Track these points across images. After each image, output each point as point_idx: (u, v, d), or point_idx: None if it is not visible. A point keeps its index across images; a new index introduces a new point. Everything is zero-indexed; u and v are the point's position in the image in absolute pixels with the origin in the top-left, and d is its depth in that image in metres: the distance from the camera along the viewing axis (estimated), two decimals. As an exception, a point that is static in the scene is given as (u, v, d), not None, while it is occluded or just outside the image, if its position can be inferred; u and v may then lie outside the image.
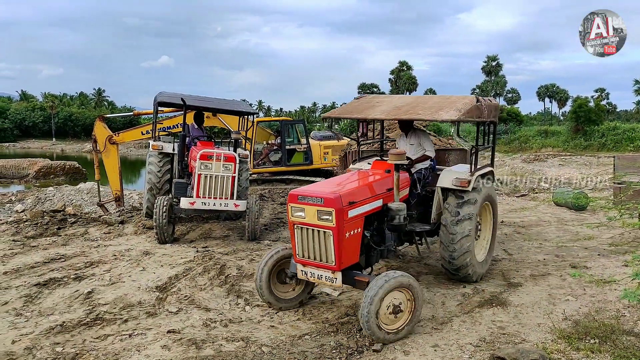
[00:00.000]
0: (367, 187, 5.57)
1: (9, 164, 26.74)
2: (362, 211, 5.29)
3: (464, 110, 5.82)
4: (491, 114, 6.54)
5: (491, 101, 6.54)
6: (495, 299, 6.13)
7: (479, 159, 6.96)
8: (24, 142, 65.26)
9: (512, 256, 8.24)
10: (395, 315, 4.93)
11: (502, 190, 16.66)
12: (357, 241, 5.29)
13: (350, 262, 5.24)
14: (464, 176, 6.32)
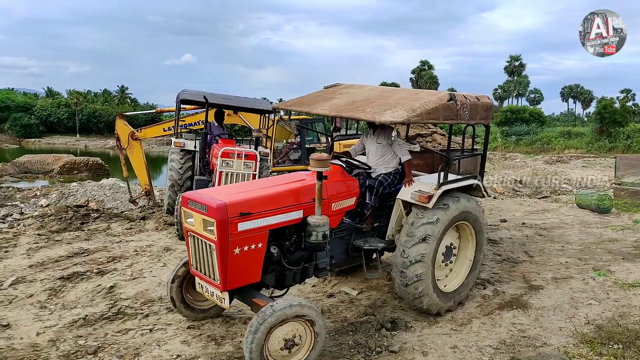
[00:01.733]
0: (277, 196, 4.69)
1: (34, 160, 27.26)
2: (263, 224, 4.46)
3: (421, 110, 4.70)
4: (476, 115, 5.40)
5: (478, 100, 5.44)
6: (515, 302, 6.05)
7: (481, 166, 6.75)
8: (49, 138, 66.52)
9: (533, 258, 8.12)
10: (289, 350, 4.21)
11: (524, 191, 16.44)
12: (256, 258, 4.49)
13: (244, 282, 4.51)
14: (427, 189, 5.30)
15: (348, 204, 5.36)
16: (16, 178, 23.75)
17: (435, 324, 5.46)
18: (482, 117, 5.55)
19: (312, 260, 5.01)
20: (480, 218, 5.85)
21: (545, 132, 46.48)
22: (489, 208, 13.02)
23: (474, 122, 5.55)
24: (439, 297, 5.47)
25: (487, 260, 7.96)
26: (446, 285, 5.76)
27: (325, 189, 4.90)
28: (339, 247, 5.49)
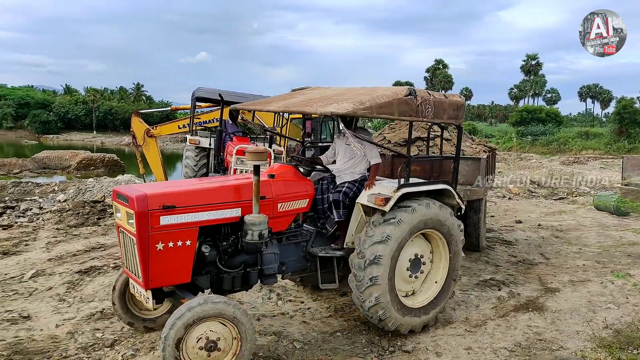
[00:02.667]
0: (209, 191, 4.42)
1: (53, 155, 27.69)
2: (191, 220, 4.17)
3: (371, 103, 4.25)
4: (442, 113, 4.93)
5: (445, 97, 5.00)
6: (531, 304, 6.00)
7: (484, 170, 6.87)
8: (66, 135, 67.44)
9: (549, 260, 8.04)
10: (208, 353, 3.85)
11: (539, 192, 16.27)
12: (184, 257, 4.17)
13: (170, 282, 4.22)
14: (386, 192, 4.79)
15: (299, 206, 4.95)
16: (35, 173, 24.11)
17: (449, 325, 5.43)
18: (451, 116, 5.08)
19: (256, 264, 4.65)
20: (454, 230, 5.23)
21: (562, 133, 45.88)
22: (503, 209, 12.92)
23: (441, 122, 5.11)
24: (399, 311, 4.86)
25: (502, 261, 7.91)
26: (413, 300, 5.18)
27: (270, 188, 4.67)
28: (293, 253, 5.03)
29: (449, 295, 5.42)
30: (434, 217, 4.99)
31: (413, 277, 5.15)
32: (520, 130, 47.09)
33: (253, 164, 4.21)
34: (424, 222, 4.93)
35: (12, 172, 23.81)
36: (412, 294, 5.26)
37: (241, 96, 10.73)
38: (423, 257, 5.20)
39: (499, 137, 47.03)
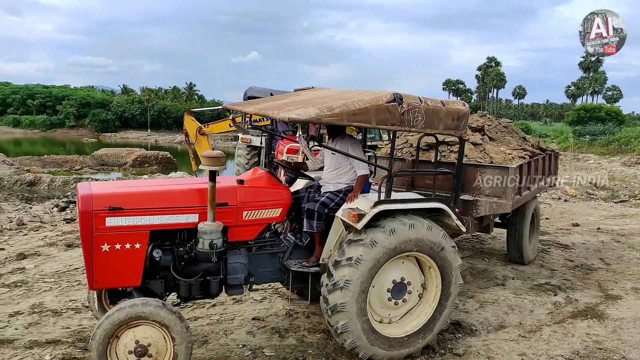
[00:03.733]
0: (162, 195, 4.23)
1: (110, 153, 29.00)
2: (141, 223, 4.01)
3: (342, 109, 3.82)
4: (437, 123, 4.37)
5: (443, 105, 4.38)
6: (590, 311, 5.76)
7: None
8: (123, 133, 70.30)
9: (609, 266, 7.69)
10: (138, 358, 3.69)
11: (598, 194, 15.56)
12: (133, 260, 4.02)
13: (117, 284, 4.11)
14: (364, 207, 4.31)
15: (270, 215, 4.58)
16: (94, 170, 25.26)
17: (501, 329, 5.30)
18: (449, 126, 4.47)
19: (218, 273, 4.41)
20: (448, 254, 4.59)
21: (624, 132, 43.65)
22: (559, 211, 12.46)
23: (436, 132, 4.56)
24: (371, 340, 4.37)
25: (557, 265, 7.64)
26: (394, 329, 4.65)
27: (235, 194, 4.39)
28: (266, 264, 4.73)
29: (439, 327, 4.76)
30: (420, 240, 4.40)
31: (394, 303, 4.57)
32: (577, 129, 45.20)
33: (208, 169, 3.96)
34: (407, 244, 4.34)
35: (73, 168, 25.06)
36: (394, 322, 4.69)
37: (291, 95, 10.84)
38: (410, 283, 4.61)
39: (554, 137, 45.32)
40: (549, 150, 8.24)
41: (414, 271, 4.67)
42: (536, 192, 7.42)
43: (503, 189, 5.94)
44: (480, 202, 6.02)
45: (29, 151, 37.71)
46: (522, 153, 6.75)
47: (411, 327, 4.66)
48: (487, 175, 6.03)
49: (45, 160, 26.35)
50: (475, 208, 6.04)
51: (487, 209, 5.99)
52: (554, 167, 8.43)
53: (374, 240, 4.22)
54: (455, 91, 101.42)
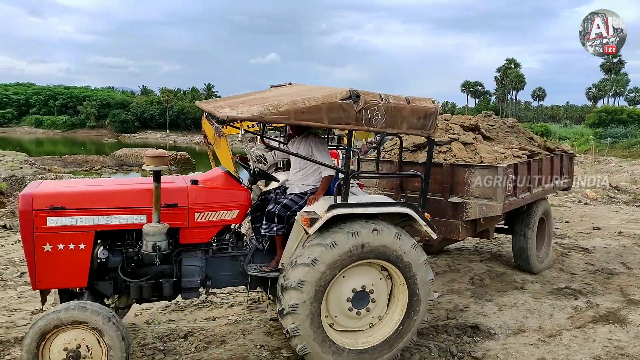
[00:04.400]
0: (107, 195, 4.13)
1: (129, 153, 29.45)
2: (85, 223, 3.94)
3: (289, 107, 3.67)
4: (400, 122, 4.12)
5: (407, 102, 4.12)
6: (612, 316, 5.66)
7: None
8: (142, 133, 71.26)
9: (631, 270, 7.55)
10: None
11: (620, 198, 15.29)
12: (77, 260, 3.94)
13: (62, 284, 4.04)
14: (320, 210, 4.06)
15: (226, 217, 4.39)
16: (114, 170, 25.65)
17: (520, 333, 5.24)
18: (415, 125, 4.19)
19: (172, 275, 4.25)
20: (416, 266, 4.27)
21: (646, 135, 42.87)
22: (579, 214, 12.28)
23: (400, 132, 4.31)
24: (326, 349, 4.11)
25: (578, 269, 7.53)
26: (352, 339, 4.35)
27: (186, 195, 4.26)
28: (226, 268, 4.53)
29: (403, 343, 4.42)
30: (384, 247, 4.12)
31: (356, 313, 4.29)
32: (598, 132, 44.51)
33: (150, 169, 3.83)
34: (370, 250, 4.08)
35: (93, 168, 25.49)
36: (356, 332, 4.41)
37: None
38: (373, 292, 4.33)
39: (575, 140, 44.68)
40: (558, 150, 7.71)
41: (379, 279, 4.39)
42: (541, 194, 6.97)
43: (493, 190, 5.53)
44: (470, 204, 5.64)
45: (50, 151, 38.41)
46: (520, 152, 6.27)
47: (373, 339, 4.36)
48: (476, 175, 5.64)
49: (66, 160, 26.84)
50: (465, 211, 5.68)
51: (477, 211, 5.61)
52: (567, 168, 7.90)
53: (334, 242, 3.98)
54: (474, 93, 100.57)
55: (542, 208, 7.22)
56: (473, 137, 6.28)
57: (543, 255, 7.42)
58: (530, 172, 6.40)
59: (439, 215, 5.77)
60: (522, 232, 6.97)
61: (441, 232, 5.74)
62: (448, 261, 7.68)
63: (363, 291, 4.29)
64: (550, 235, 7.72)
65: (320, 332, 4.09)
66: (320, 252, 3.96)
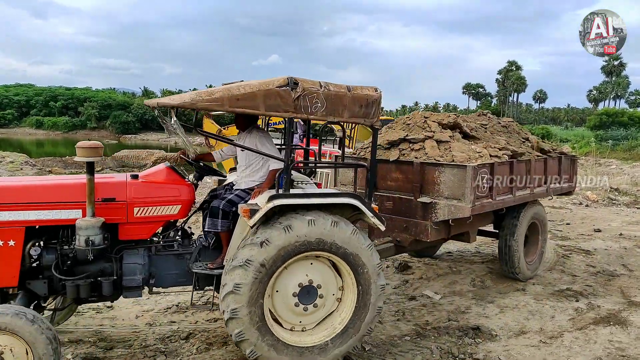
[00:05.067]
0: (37, 189, 4.01)
1: (131, 154, 29.42)
2: (14, 218, 3.80)
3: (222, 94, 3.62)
4: (340, 110, 4.02)
5: (348, 90, 4.03)
6: (613, 317, 5.66)
7: None
8: (143, 135, 71.22)
9: (632, 272, 7.55)
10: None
11: (621, 200, 15.28)
12: (6, 259, 3.81)
13: None
14: (261, 202, 3.93)
15: (167, 213, 4.27)
16: (114, 171, 25.64)
17: (522, 335, 5.24)
18: (357, 114, 4.11)
19: (112, 274, 4.12)
20: (363, 256, 4.13)
21: (647, 137, 42.85)
22: (580, 216, 12.28)
23: (341, 120, 4.15)
24: (277, 350, 3.97)
25: (579, 271, 7.52)
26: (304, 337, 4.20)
27: (124, 189, 4.15)
28: (171, 266, 4.39)
29: (355, 340, 4.27)
30: (322, 237, 3.95)
31: (303, 309, 4.11)
32: (599, 134, 44.52)
33: (84, 160, 3.74)
34: (308, 243, 3.92)
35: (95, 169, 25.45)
36: (308, 330, 4.26)
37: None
38: (321, 286, 4.15)
39: (575, 142, 44.66)
40: (556, 152, 7.36)
41: (328, 274, 4.23)
42: (530, 197, 6.57)
43: (462, 190, 5.28)
44: (439, 205, 5.39)
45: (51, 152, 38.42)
46: (500, 152, 5.92)
47: (324, 336, 4.21)
48: (446, 175, 5.37)
49: (67, 162, 26.83)
50: (434, 212, 5.43)
51: (446, 212, 5.35)
52: (568, 171, 7.52)
53: (266, 239, 3.82)
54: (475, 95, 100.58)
55: (532, 212, 6.86)
56: (450, 136, 5.96)
57: (534, 261, 7.11)
58: (513, 173, 6.07)
59: (410, 215, 5.64)
60: (507, 236, 6.62)
61: (411, 233, 5.65)
62: (450, 263, 7.68)
63: (309, 286, 4.12)
64: (543, 240, 7.35)
65: (268, 333, 3.95)
66: (255, 252, 3.81)
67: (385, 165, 5.87)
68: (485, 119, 7.49)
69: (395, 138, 5.98)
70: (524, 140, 7.23)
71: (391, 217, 5.72)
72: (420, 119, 6.28)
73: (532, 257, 7.09)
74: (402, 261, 7.45)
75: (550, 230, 10.50)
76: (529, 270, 6.95)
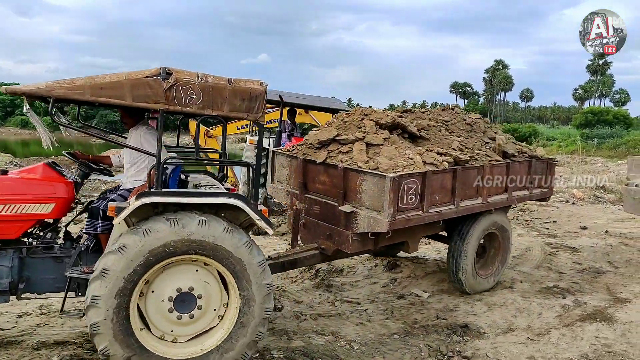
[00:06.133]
0: None
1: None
2: None
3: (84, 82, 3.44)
4: (219, 102, 3.79)
5: (228, 83, 3.82)
6: (599, 314, 5.72)
7: None
8: (129, 134, 70.74)
9: (618, 269, 7.64)
10: None
11: (606, 198, 15.47)
12: None
13: None
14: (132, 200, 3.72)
15: (38, 211, 3.99)
16: (101, 171, 25.38)
17: (510, 332, 5.28)
18: (238, 108, 3.86)
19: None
20: (243, 254, 3.81)
21: (632, 135, 43.37)
22: (567, 214, 12.39)
23: (220, 114, 3.86)
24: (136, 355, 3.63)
25: (565, 268, 7.59)
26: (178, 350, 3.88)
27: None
28: (46, 270, 4.08)
29: (243, 346, 3.93)
30: (191, 239, 3.65)
31: (177, 317, 3.82)
32: (584, 132, 45.06)
33: None
34: (175, 247, 3.62)
35: (81, 169, 25.16)
36: (181, 342, 3.93)
37: (300, 97, 10.87)
38: (202, 297, 3.86)
39: (562, 140, 45.13)
40: (524, 155, 6.52)
41: (213, 286, 3.94)
42: (483, 207, 5.85)
43: (381, 202, 4.70)
44: (360, 215, 4.86)
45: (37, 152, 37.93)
46: (440, 158, 5.22)
47: (195, 352, 3.86)
48: (367, 183, 4.80)
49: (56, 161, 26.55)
50: (355, 222, 4.91)
51: (366, 224, 4.81)
52: (542, 176, 6.71)
53: (123, 245, 3.51)
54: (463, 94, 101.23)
55: (489, 222, 6.14)
56: (385, 138, 5.29)
57: (491, 274, 6.42)
58: (456, 181, 5.37)
59: (334, 222, 5.15)
60: (454, 249, 6.03)
61: (334, 242, 5.19)
62: (437, 261, 7.72)
63: (188, 293, 3.81)
64: (504, 251, 6.55)
65: (135, 347, 3.63)
66: (111, 260, 3.51)
67: (315, 167, 5.41)
68: (449, 114, 6.71)
69: (325, 138, 5.47)
70: (489, 140, 6.43)
71: (318, 222, 5.39)
72: (358, 117, 5.66)
73: (489, 270, 6.42)
74: (390, 260, 7.46)
75: (537, 227, 10.61)
76: (481, 284, 6.29)
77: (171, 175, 4.33)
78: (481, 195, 5.79)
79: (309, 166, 5.52)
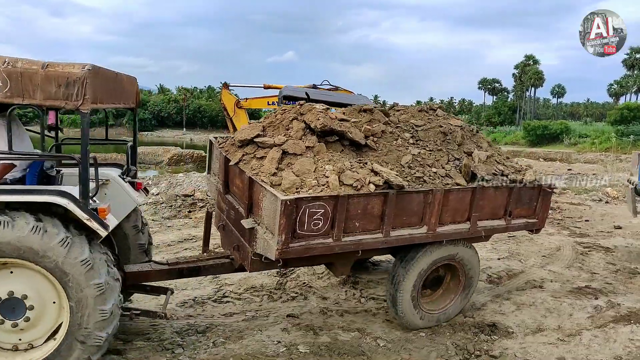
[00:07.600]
0: None
1: (147, 151, 29.75)
2: None
3: None
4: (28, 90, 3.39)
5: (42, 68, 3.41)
6: (633, 316, 5.58)
7: None
8: (159, 132, 71.94)
9: (654, 270, 7.42)
10: None
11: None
12: None
13: None
14: None
15: None
16: (132, 168, 25.97)
17: (539, 332, 5.19)
18: (53, 95, 3.42)
19: None
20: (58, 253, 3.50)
21: (669, 132, 41.97)
22: (600, 213, 12.07)
23: (33, 103, 3.44)
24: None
25: (598, 268, 7.41)
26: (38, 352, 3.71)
27: None
28: None
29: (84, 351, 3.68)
30: (11, 243, 3.40)
31: (11, 325, 3.61)
32: (620, 129, 43.72)
33: None
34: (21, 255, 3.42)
35: (112, 166, 25.79)
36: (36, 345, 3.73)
37: (326, 95, 10.88)
38: (28, 297, 3.61)
39: (595, 137, 43.95)
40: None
41: (38, 281, 3.63)
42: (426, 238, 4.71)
43: (274, 226, 3.90)
44: (258, 234, 4.11)
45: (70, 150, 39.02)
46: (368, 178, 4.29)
47: (38, 355, 3.69)
48: (267, 200, 3.99)
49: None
50: (254, 240, 4.18)
51: (261, 246, 4.09)
52: (523, 204, 5.30)
53: None
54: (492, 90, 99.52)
55: (442, 254, 5.05)
56: (308, 146, 4.47)
57: (442, 310, 5.33)
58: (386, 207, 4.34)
59: (242, 234, 4.47)
60: (392, 281, 5.05)
61: (240, 255, 4.64)
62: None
63: (16, 299, 3.57)
64: (466, 286, 5.40)
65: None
66: None
67: (232, 167, 4.74)
68: (424, 116, 5.46)
69: (244, 137, 4.67)
70: (463, 155, 5.16)
71: (232, 229, 4.80)
72: (291, 115, 4.83)
73: (441, 305, 5.36)
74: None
75: (569, 226, 10.36)
76: (424, 320, 5.18)
77: (27, 170, 4.07)
78: (427, 224, 4.67)
79: (229, 165, 4.78)
